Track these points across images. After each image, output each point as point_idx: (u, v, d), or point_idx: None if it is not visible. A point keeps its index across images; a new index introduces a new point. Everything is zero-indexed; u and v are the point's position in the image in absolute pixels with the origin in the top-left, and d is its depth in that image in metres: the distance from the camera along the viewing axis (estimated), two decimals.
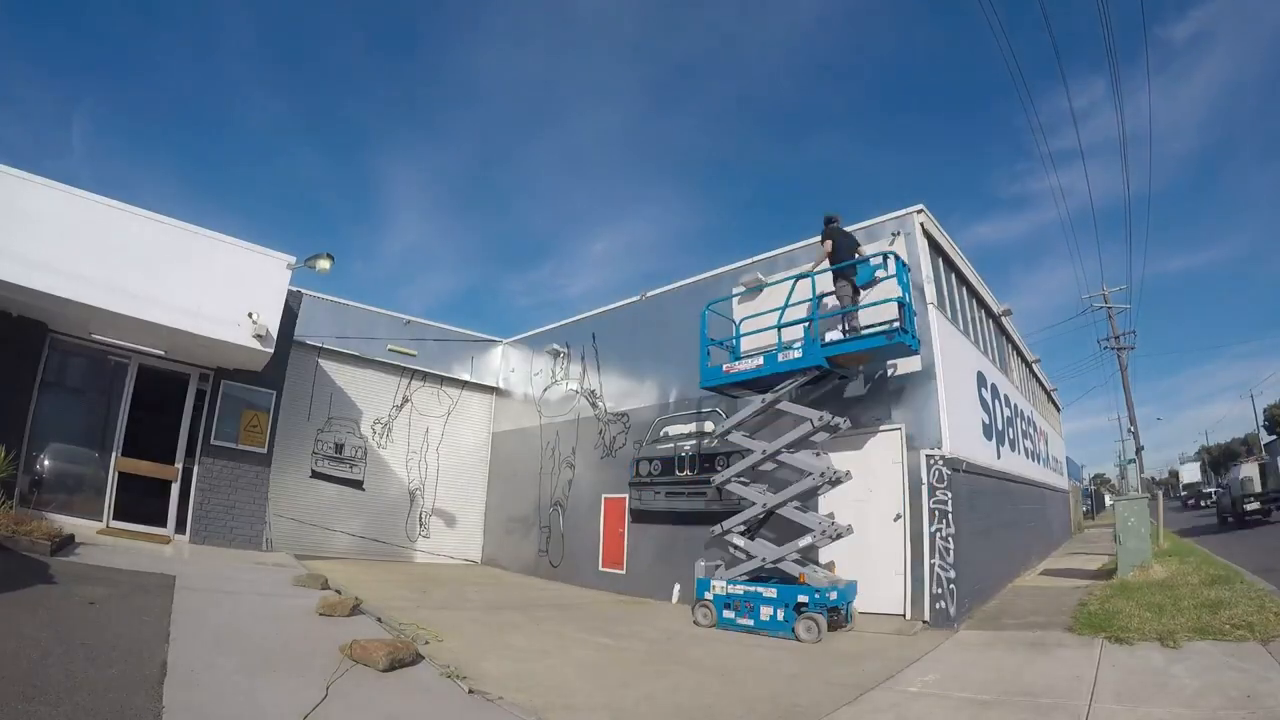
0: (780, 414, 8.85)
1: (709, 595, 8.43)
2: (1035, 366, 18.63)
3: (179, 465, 10.40)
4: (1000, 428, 11.85)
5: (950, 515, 8.17)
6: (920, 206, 9.39)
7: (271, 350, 9.73)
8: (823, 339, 8.43)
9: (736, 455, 9.92)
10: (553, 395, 14.53)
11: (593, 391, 13.44)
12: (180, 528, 10.26)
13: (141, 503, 10.02)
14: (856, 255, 8.78)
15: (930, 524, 8.23)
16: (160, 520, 10.14)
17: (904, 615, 8.16)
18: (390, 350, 14.73)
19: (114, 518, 9.68)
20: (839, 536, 8.12)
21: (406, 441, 14.93)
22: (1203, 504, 36.74)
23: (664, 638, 7.61)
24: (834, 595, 7.66)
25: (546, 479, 14.09)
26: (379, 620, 6.59)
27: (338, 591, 7.71)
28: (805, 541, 8.00)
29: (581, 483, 13.20)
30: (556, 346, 14.58)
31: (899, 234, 9.38)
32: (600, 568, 12.15)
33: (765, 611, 7.85)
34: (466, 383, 16.00)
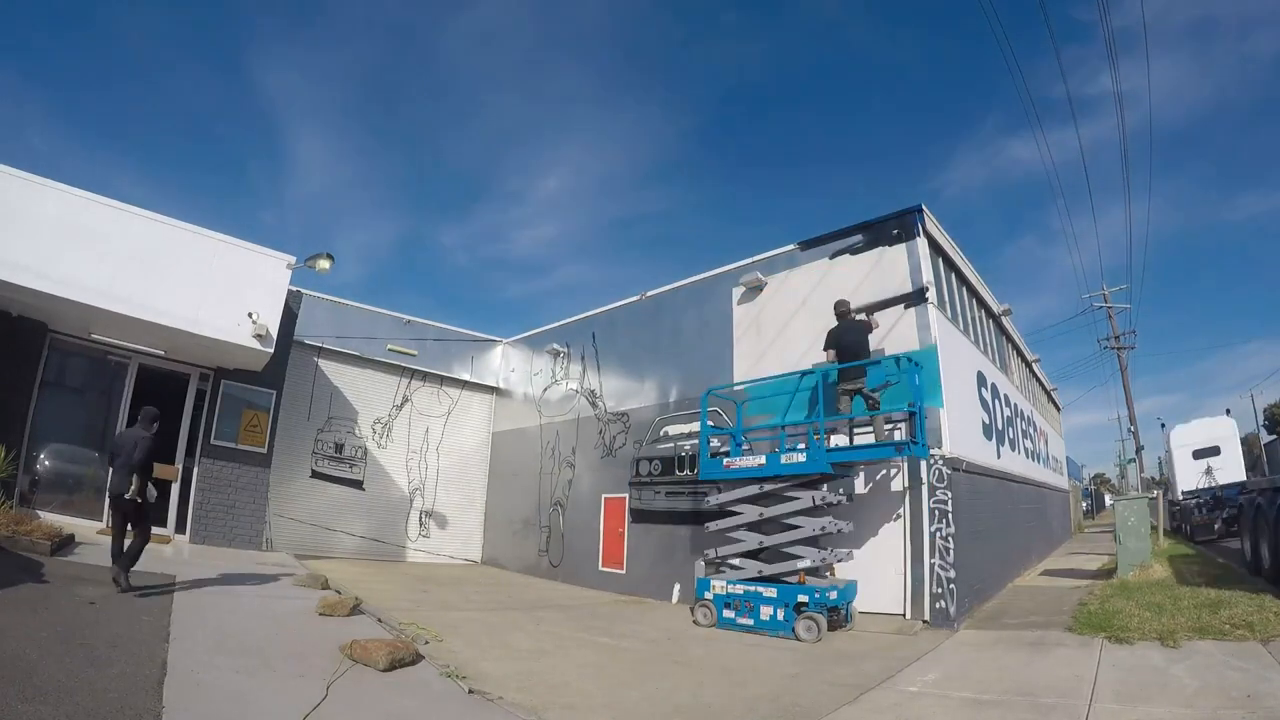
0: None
1: (709, 595, 8.41)
2: (1035, 366, 18.62)
3: (179, 465, 10.38)
4: (1000, 427, 11.85)
5: (950, 515, 8.17)
6: (920, 205, 9.38)
7: (271, 350, 9.74)
8: (827, 442, 8.21)
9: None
10: (553, 395, 14.53)
11: (593, 391, 13.44)
12: (180, 528, 10.27)
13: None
14: (868, 338, 8.50)
15: (930, 524, 8.23)
16: (160, 520, 10.11)
17: (904, 615, 8.16)
18: (390, 350, 14.73)
19: None
20: (838, 562, 8.13)
21: (406, 441, 14.93)
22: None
23: (664, 637, 7.61)
24: (834, 595, 7.63)
25: (547, 479, 14.09)
26: (379, 620, 6.59)
27: (338, 591, 7.72)
28: (803, 564, 7.88)
29: (581, 482, 13.20)
30: (556, 346, 14.58)
31: (899, 233, 9.38)
32: (600, 567, 12.15)
33: (765, 611, 7.84)
34: (466, 383, 16.00)
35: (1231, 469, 19.15)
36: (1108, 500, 40.46)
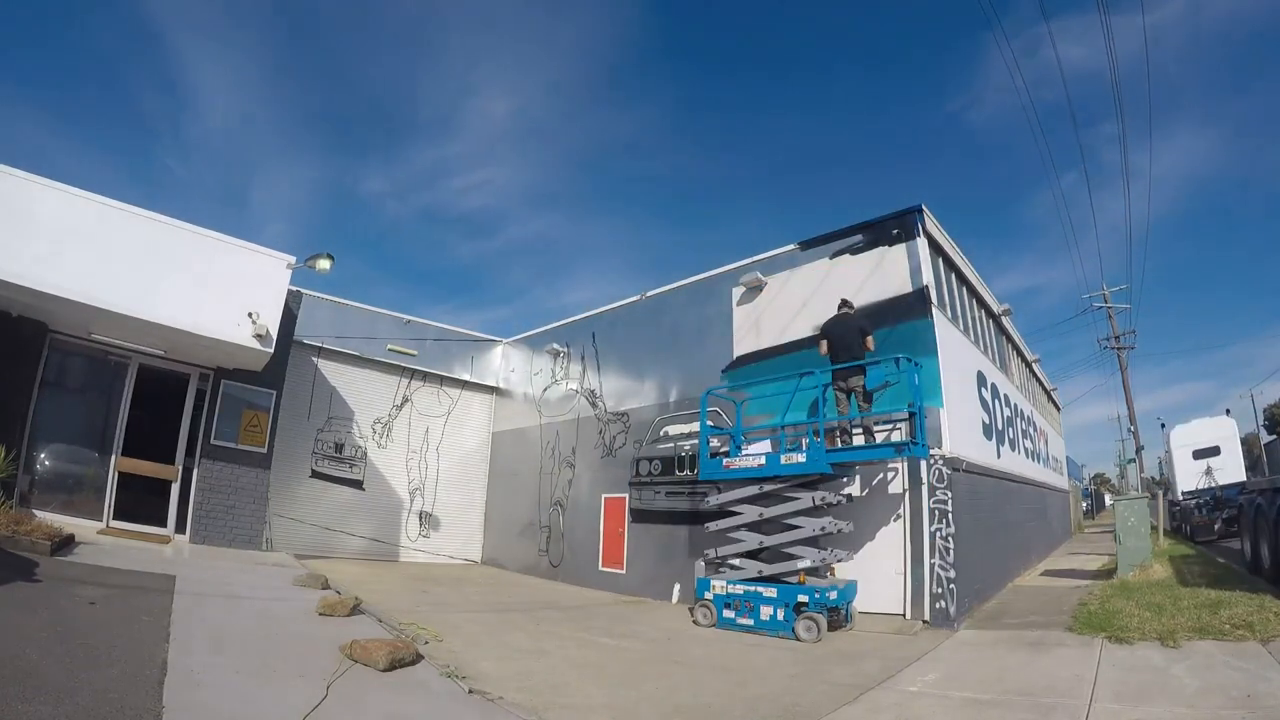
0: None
1: (709, 595, 8.42)
2: (1035, 366, 18.62)
3: (179, 465, 10.39)
4: (1000, 427, 11.85)
5: (950, 515, 8.17)
6: (920, 205, 9.38)
7: (271, 350, 9.73)
8: (828, 443, 8.17)
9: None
10: (553, 395, 14.53)
11: (592, 391, 13.44)
12: (180, 528, 10.26)
13: (141, 503, 10.02)
14: (865, 344, 8.46)
15: (930, 524, 8.23)
16: (160, 520, 10.14)
17: (904, 615, 8.16)
18: (390, 350, 14.73)
19: (114, 518, 9.67)
20: (838, 562, 8.15)
21: (406, 441, 14.93)
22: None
23: (664, 637, 7.61)
24: (834, 595, 7.64)
25: (547, 479, 14.09)
26: (379, 620, 6.59)
27: (338, 592, 7.72)
28: (803, 564, 7.91)
29: (581, 482, 13.20)
30: (556, 346, 14.58)
31: (899, 233, 9.38)
32: (600, 567, 12.15)
33: (765, 611, 7.85)
34: (466, 383, 16.00)
35: (1231, 469, 19.19)
36: (1108, 500, 40.51)
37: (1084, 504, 33.14)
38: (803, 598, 7.55)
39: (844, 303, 8.98)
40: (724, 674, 6.01)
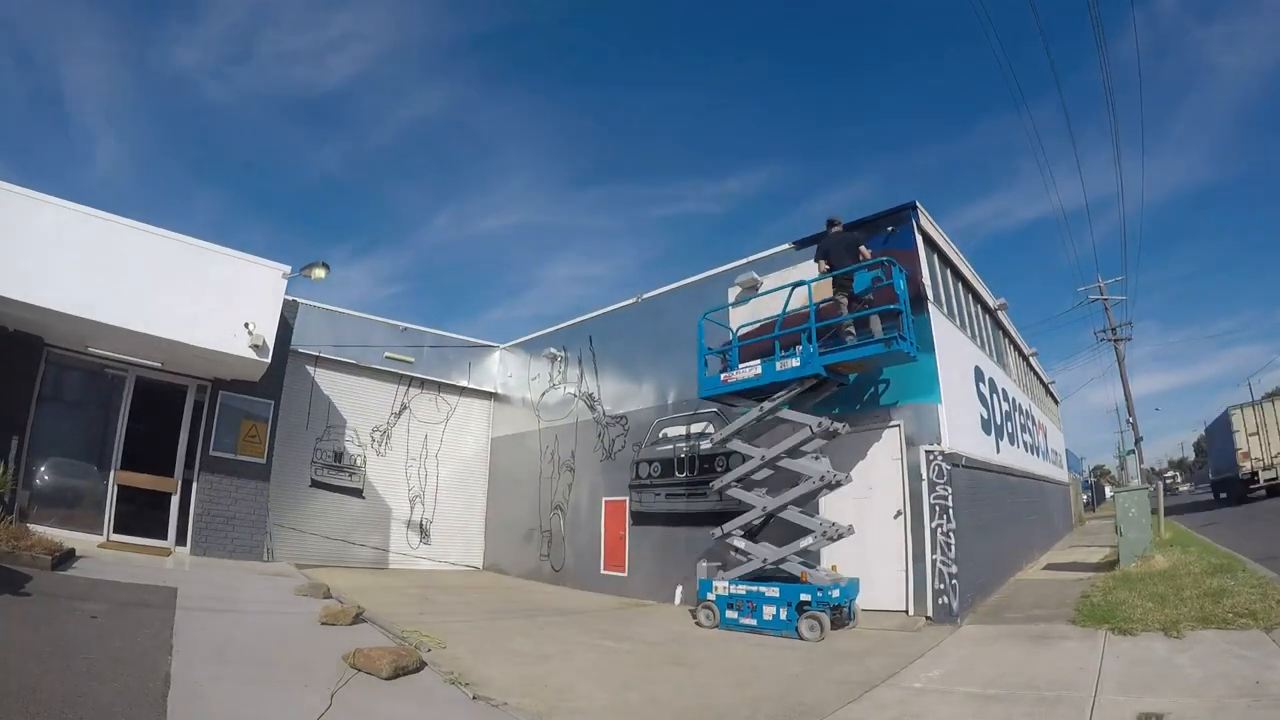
0: (779, 420, 8.82)
1: (711, 596, 8.44)
2: (1032, 359, 18.66)
3: (178, 477, 10.37)
4: (999, 422, 11.87)
5: (951, 510, 8.18)
6: (915, 202, 9.41)
7: (269, 360, 9.72)
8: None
9: (736, 457, 9.94)
10: (551, 399, 14.52)
11: (591, 395, 13.44)
12: (181, 540, 10.24)
13: (141, 515, 9.99)
14: (859, 256, 8.62)
15: (931, 519, 8.24)
16: (160, 533, 10.11)
17: (907, 611, 8.16)
18: (387, 358, 14.72)
19: (114, 531, 9.64)
20: (839, 537, 8.13)
21: (405, 449, 14.91)
22: None
23: (667, 639, 7.60)
24: (836, 594, 7.64)
25: (546, 483, 14.08)
26: (382, 628, 6.58)
27: (339, 600, 7.69)
28: (806, 542, 8.01)
29: (582, 486, 13.19)
30: (553, 350, 14.58)
31: (893, 230, 9.40)
32: (602, 571, 12.14)
33: (768, 611, 7.86)
34: (464, 389, 15.99)
35: None
36: (1108, 492, 40.55)
37: (1084, 496, 33.21)
38: (805, 596, 7.58)
39: (832, 221, 9.06)
40: (728, 675, 6.00)
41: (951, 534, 8.11)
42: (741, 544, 8.58)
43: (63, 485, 9.57)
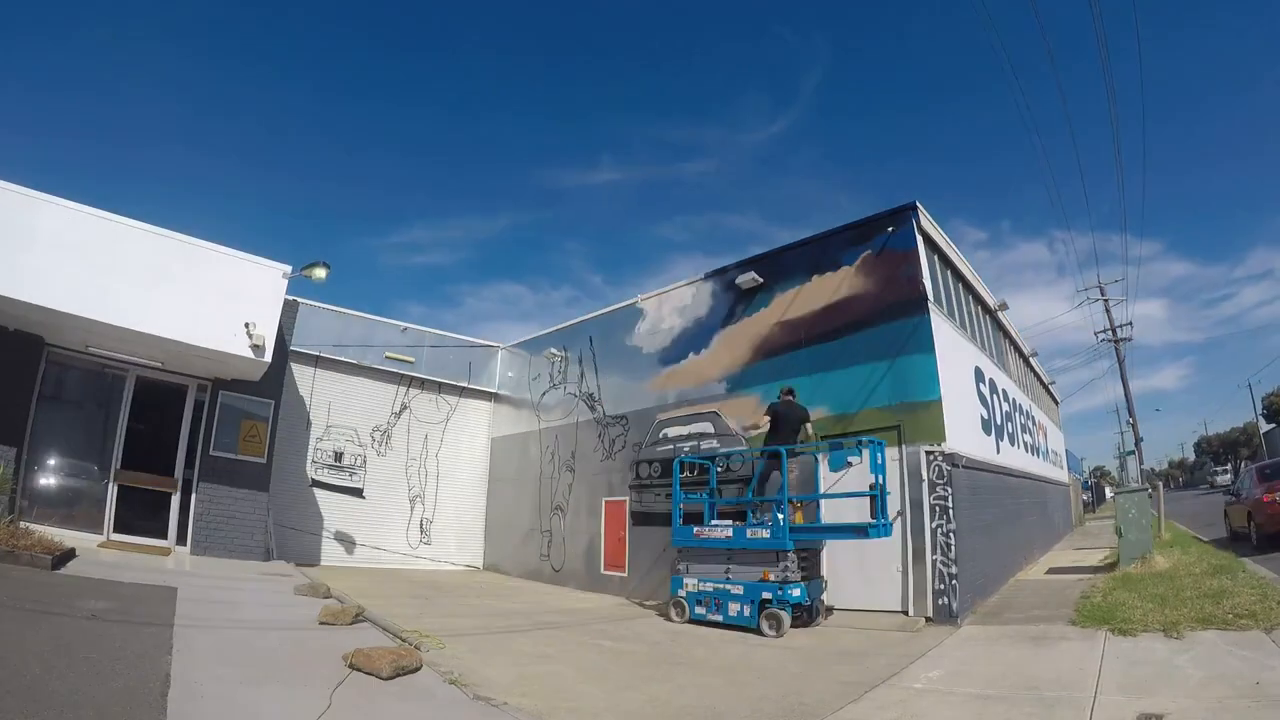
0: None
1: (682, 593, 8.77)
2: (1033, 360, 18.65)
3: (178, 476, 10.37)
4: (999, 422, 11.87)
5: (951, 511, 8.18)
6: (915, 203, 9.40)
7: (269, 360, 9.71)
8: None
9: (735, 458, 9.97)
10: (551, 399, 14.52)
11: (591, 395, 13.44)
12: (181, 539, 10.24)
13: (142, 515, 9.99)
14: (805, 435, 8.84)
15: (931, 520, 8.24)
16: (161, 532, 10.11)
17: (906, 612, 8.17)
18: (388, 358, 14.72)
19: (114, 530, 9.64)
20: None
21: (406, 448, 14.91)
22: None
23: (667, 639, 7.60)
24: (796, 592, 7.81)
25: (547, 483, 14.08)
26: (381, 628, 6.57)
27: (339, 600, 7.69)
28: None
29: (582, 486, 13.19)
30: (554, 350, 14.58)
31: (894, 230, 9.40)
32: (602, 571, 12.14)
33: (733, 608, 8.15)
34: (465, 389, 15.99)
35: None
36: (1108, 493, 40.53)
37: (1085, 497, 33.16)
38: (766, 595, 7.82)
39: (787, 390, 9.13)
40: (728, 674, 6.00)
41: (951, 534, 8.11)
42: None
43: (63, 485, 9.57)
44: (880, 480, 7.82)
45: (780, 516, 8.09)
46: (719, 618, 8.23)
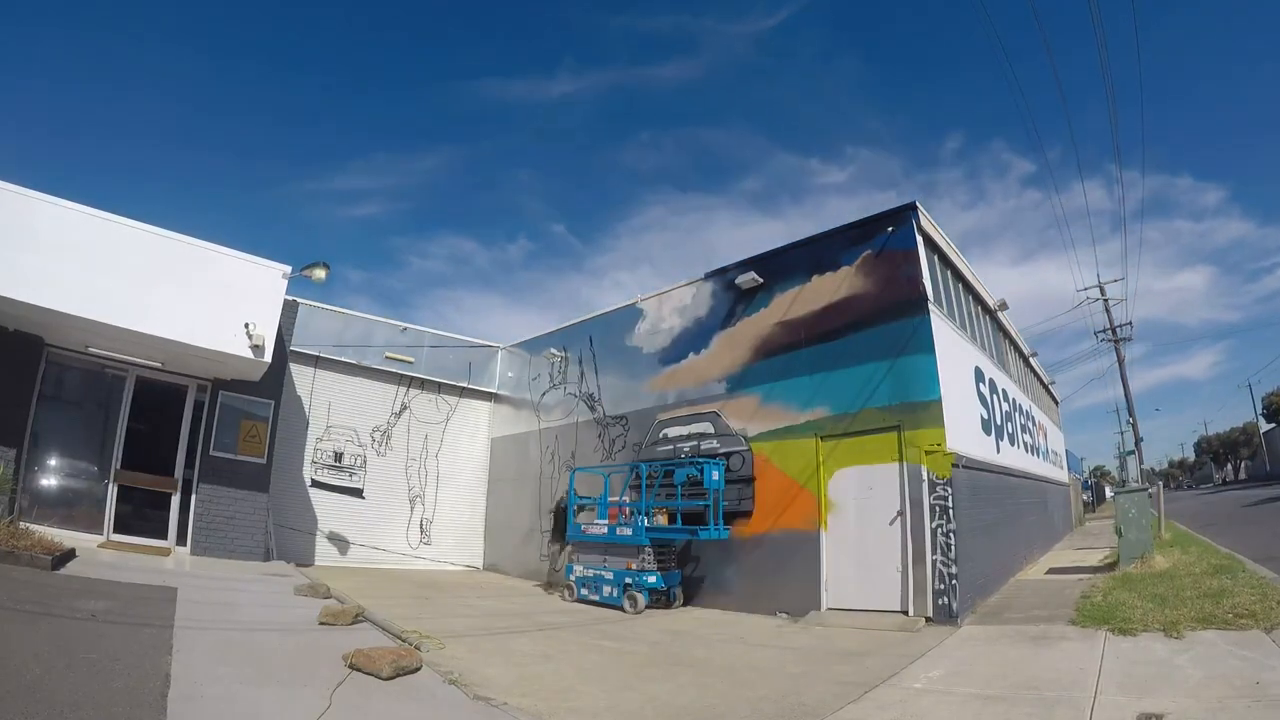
0: None
1: (572, 578, 10.50)
2: (1032, 360, 18.65)
3: (178, 477, 10.37)
4: (999, 422, 11.86)
5: (951, 511, 8.18)
6: (915, 203, 9.40)
7: (269, 360, 9.71)
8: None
9: (735, 456, 9.98)
10: (551, 399, 14.52)
11: (591, 395, 13.44)
12: (181, 539, 10.24)
13: (142, 515, 10.00)
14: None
15: (931, 520, 8.24)
16: (160, 533, 10.11)
17: (906, 612, 8.17)
18: (387, 358, 14.71)
19: (114, 531, 9.65)
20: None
21: (406, 449, 14.90)
22: None
23: (667, 639, 7.61)
24: (652, 579, 9.55)
25: (547, 483, 14.07)
26: (381, 628, 6.58)
27: (339, 600, 7.70)
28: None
29: (581, 487, 13.17)
30: (554, 350, 14.57)
31: (894, 230, 9.40)
32: None
33: (607, 590, 9.88)
34: (464, 389, 15.99)
35: None
36: (1108, 493, 40.51)
37: (1085, 497, 33.15)
38: (628, 580, 9.63)
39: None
40: (728, 674, 6.00)
41: (951, 534, 8.11)
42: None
43: (63, 485, 9.57)
44: (718, 487, 9.68)
45: (641, 520, 9.92)
46: (596, 598, 9.98)
